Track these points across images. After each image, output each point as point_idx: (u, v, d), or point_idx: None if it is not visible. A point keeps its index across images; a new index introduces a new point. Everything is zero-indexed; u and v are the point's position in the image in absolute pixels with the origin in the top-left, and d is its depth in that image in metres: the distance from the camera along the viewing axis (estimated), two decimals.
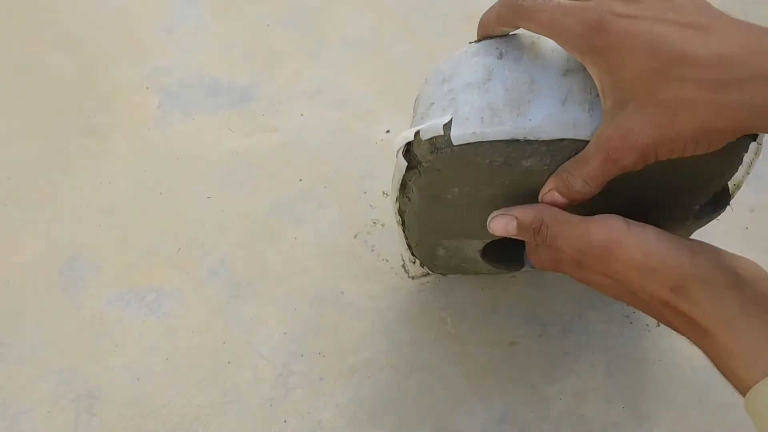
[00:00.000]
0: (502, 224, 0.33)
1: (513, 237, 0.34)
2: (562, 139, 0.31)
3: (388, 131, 0.42)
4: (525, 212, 0.33)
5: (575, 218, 0.32)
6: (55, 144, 0.47)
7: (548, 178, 0.32)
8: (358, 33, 0.51)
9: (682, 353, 0.43)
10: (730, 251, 0.31)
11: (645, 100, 0.28)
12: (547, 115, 0.31)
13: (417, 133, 0.32)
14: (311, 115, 0.48)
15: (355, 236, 0.46)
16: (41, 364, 0.42)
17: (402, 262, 0.45)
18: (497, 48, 0.33)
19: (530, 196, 0.33)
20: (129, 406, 0.42)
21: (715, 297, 0.29)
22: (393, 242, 0.46)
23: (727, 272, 0.29)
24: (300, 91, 0.49)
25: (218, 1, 0.51)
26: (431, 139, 0.32)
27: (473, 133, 0.31)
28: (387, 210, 0.47)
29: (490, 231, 0.34)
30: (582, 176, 0.30)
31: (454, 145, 0.31)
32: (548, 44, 0.32)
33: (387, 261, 0.45)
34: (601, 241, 0.30)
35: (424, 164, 0.33)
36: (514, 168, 0.32)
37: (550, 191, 0.32)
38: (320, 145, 0.48)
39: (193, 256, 0.45)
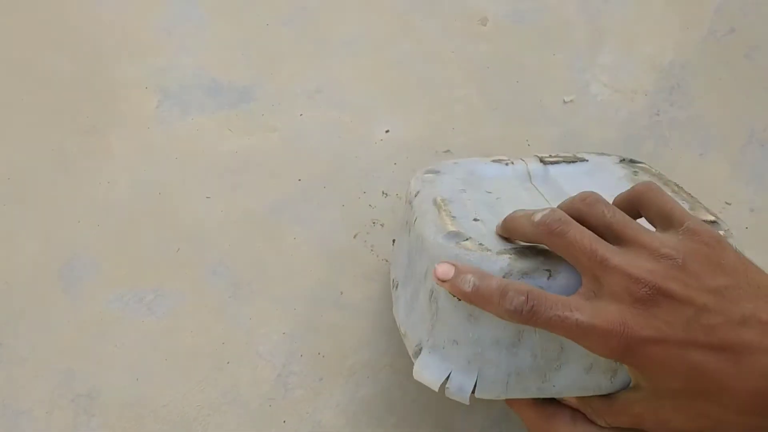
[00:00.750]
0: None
1: None
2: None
3: (387, 131, 0.42)
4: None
5: (531, 408, 0.34)
6: (54, 144, 0.47)
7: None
8: (357, 33, 0.51)
9: None
10: None
11: (683, 406, 0.28)
12: (570, 382, 0.32)
13: (443, 384, 0.32)
14: (310, 115, 0.48)
15: (355, 236, 0.46)
16: (40, 365, 0.42)
17: None
18: None
19: None
20: (128, 406, 0.42)
21: None
22: (392, 243, 0.45)
23: None
24: (299, 91, 0.49)
25: (218, 1, 0.51)
26: None
27: (497, 396, 0.32)
28: (386, 210, 0.47)
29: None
30: (605, 419, 0.32)
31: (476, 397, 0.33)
32: None
33: (386, 261, 0.45)
34: None
35: None
36: None
37: (570, 403, 0.33)
38: (319, 145, 0.48)
39: (193, 256, 0.45)
